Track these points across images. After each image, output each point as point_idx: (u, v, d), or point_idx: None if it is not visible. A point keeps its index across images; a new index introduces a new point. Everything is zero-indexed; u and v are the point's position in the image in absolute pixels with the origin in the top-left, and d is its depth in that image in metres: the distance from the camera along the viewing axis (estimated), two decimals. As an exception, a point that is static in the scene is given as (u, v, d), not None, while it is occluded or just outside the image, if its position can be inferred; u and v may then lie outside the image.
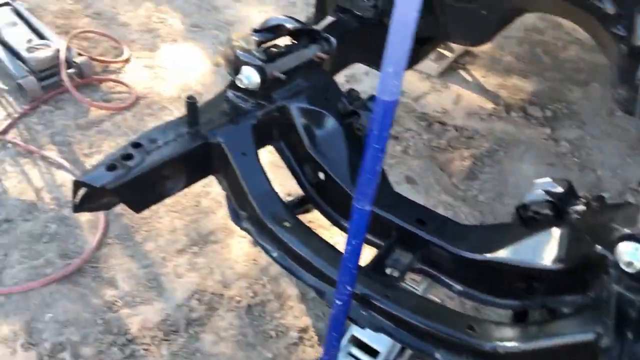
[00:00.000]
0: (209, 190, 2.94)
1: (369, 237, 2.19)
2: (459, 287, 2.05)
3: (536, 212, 1.92)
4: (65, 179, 2.97)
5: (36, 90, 3.35)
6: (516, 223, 2.02)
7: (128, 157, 1.85)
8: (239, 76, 1.95)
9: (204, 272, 2.61)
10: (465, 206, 3.01)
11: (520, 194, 3.08)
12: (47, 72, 3.44)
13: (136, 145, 1.90)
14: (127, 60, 3.80)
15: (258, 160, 2.08)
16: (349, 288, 1.72)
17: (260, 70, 1.97)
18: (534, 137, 3.46)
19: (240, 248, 2.72)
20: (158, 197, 1.98)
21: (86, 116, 3.36)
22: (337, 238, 2.69)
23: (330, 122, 2.22)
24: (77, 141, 3.20)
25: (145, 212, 2.71)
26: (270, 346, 2.38)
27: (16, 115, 3.28)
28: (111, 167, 1.81)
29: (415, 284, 2.32)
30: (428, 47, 3.22)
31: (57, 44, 3.51)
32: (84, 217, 2.78)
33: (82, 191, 1.82)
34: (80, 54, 3.64)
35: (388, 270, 2.08)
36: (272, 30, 2.21)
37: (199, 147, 1.97)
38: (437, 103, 3.67)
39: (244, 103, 2.09)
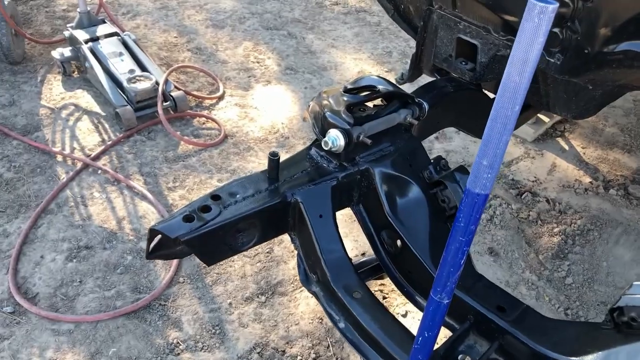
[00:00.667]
0: (283, 238, 2.90)
1: (447, 319, 2.07)
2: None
3: (633, 319, 1.74)
4: (147, 211, 3.02)
5: (132, 120, 3.47)
6: (608, 325, 1.84)
7: (206, 209, 1.83)
8: (325, 139, 1.90)
9: (268, 324, 2.55)
10: (550, 287, 2.80)
11: (613, 282, 2.86)
12: (144, 103, 3.56)
13: (215, 197, 1.88)
14: (221, 97, 3.88)
15: (334, 223, 2.01)
16: (416, 379, 1.60)
17: (347, 134, 1.91)
18: (634, 219, 3.20)
19: (307, 304, 2.65)
20: (231, 252, 1.95)
21: (175, 149, 3.43)
22: (409, 306, 2.57)
23: (414, 190, 2.13)
24: (163, 174, 3.26)
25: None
26: (326, 415, 2.27)
27: (109, 143, 3.39)
28: (188, 219, 1.79)
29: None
30: (528, 113, 3.08)
31: (156, 77, 3.63)
32: (159, 252, 2.81)
33: (156, 238, 1.82)
34: (177, 88, 3.75)
35: (460, 357, 1.95)
36: (363, 90, 2.17)
37: (277, 205, 1.93)
38: (530, 171, 3.49)
39: (326, 163, 2.05)
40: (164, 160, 3.35)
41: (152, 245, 1.84)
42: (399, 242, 2.12)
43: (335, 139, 1.90)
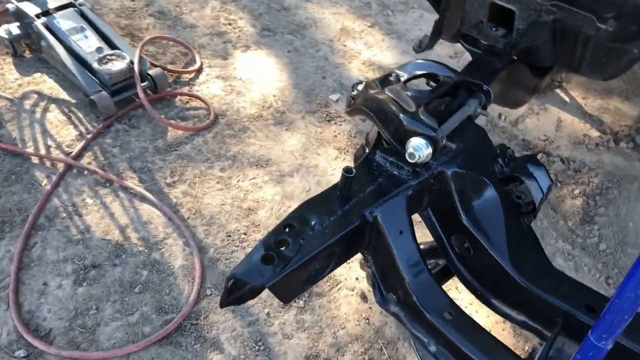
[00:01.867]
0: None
1: (528, 321, 1.95)
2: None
3: None
4: (151, 215, 2.71)
5: (110, 107, 3.06)
6: None
7: (283, 243, 1.59)
8: (410, 150, 1.66)
9: (313, 332, 2.37)
10: (586, 256, 2.75)
11: (646, 243, 2.85)
12: (120, 86, 3.15)
13: (289, 227, 1.63)
14: (199, 70, 3.50)
15: (415, 239, 1.82)
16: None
17: (434, 141, 1.69)
18: (648, 172, 3.18)
19: (348, 303, 2.47)
20: (309, 284, 1.72)
21: (164, 137, 3.08)
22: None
23: (487, 189, 1.95)
24: (158, 168, 2.92)
25: (241, 257, 2.47)
26: None
27: (89, 136, 2.99)
28: (267, 259, 1.55)
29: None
30: (549, 76, 2.93)
31: (127, 53, 3.20)
32: (177, 262, 2.53)
33: (230, 283, 1.56)
34: (153, 65, 3.35)
35: (553, 364, 1.83)
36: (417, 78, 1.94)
37: (357, 227, 1.70)
38: (538, 128, 3.38)
39: (397, 171, 1.82)
40: (155, 152, 3.00)
41: (225, 292, 1.59)
42: (471, 245, 1.95)
43: (420, 148, 1.67)
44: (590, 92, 3.65)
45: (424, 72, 1.97)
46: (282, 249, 1.58)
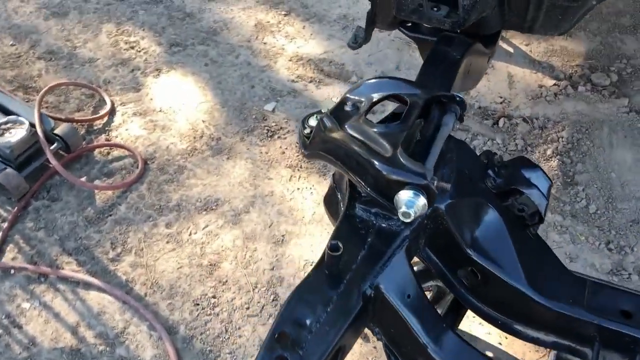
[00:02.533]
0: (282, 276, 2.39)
1: (559, 340, 1.74)
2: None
3: None
4: (103, 303, 2.34)
5: (20, 185, 2.63)
6: None
7: (282, 360, 1.30)
8: (403, 208, 1.37)
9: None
10: (579, 224, 2.56)
11: (632, 193, 2.68)
12: (26, 156, 2.71)
13: (281, 337, 1.33)
14: (111, 112, 3.07)
15: (424, 295, 1.56)
16: None
17: (426, 190, 1.39)
18: (613, 113, 3.01)
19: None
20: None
21: (92, 203, 2.68)
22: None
23: (486, 211, 1.69)
24: (95, 243, 2.54)
25: (218, 326, 2.18)
26: None
27: (5, 225, 2.56)
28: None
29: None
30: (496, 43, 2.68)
31: (25, 115, 2.75)
32: (147, 352, 2.20)
33: None
34: (57, 120, 2.90)
35: (604, 388, 1.63)
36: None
37: (360, 309, 1.42)
38: (491, 91, 3.15)
39: (386, 222, 1.54)
40: (86, 224, 2.60)
41: None
42: (482, 276, 1.71)
43: (413, 203, 1.37)
44: (532, 37, 3.43)
45: (384, 94, 1.66)
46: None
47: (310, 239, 2.55)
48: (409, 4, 2.16)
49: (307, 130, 1.71)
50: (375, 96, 1.67)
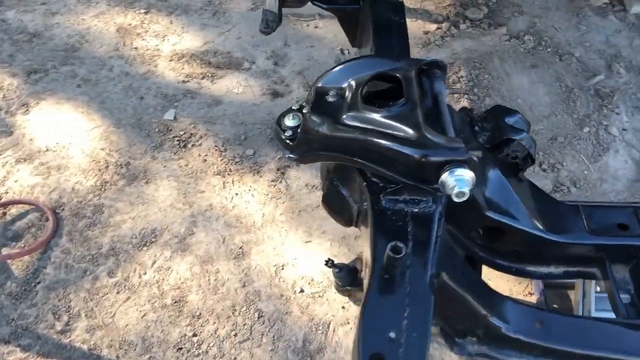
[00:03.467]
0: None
1: (568, 269, 1.84)
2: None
3: None
4: (72, 383, 2.03)
5: None
6: None
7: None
8: (456, 190, 1.29)
9: (346, 394, 2.02)
10: (510, 154, 2.68)
11: (541, 114, 2.86)
12: None
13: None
14: (-12, 165, 2.63)
15: (470, 268, 1.54)
16: None
17: (468, 162, 1.33)
18: (497, 43, 3.17)
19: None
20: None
21: (10, 275, 2.29)
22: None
23: (488, 170, 1.69)
24: (34, 319, 2.18)
25: None
26: None
27: None
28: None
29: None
30: None
31: None
32: (148, 420, 1.95)
33: None
34: None
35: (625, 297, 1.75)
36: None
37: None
38: (384, 47, 3.15)
39: (419, 207, 1.47)
40: (13, 302, 2.22)
41: None
42: (498, 232, 1.73)
43: (463, 180, 1.31)
44: (400, -14, 3.47)
45: (368, 75, 1.56)
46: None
47: (271, 242, 2.40)
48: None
49: (289, 133, 1.56)
50: (359, 80, 1.56)
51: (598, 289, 1.96)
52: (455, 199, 1.32)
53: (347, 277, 2.17)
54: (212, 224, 2.46)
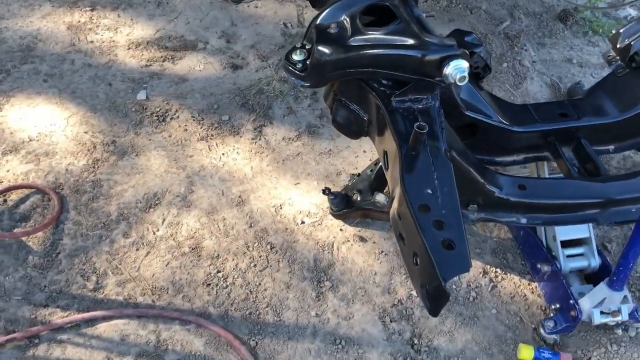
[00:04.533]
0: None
1: (527, 155, 2.29)
2: (611, 147, 2.33)
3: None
4: (117, 328, 2.22)
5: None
6: (622, 70, 2.32)
7: (439, 224, 1.56)
8: (458, 76, 1.67)
9: (361, 296, 2.36)
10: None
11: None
12: None
13: (422, 208, 1.59)
14: (-25, 160, 2.72)
15: (470, 152, 1.96)
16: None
17: (464, 56, 1.72)
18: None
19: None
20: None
21: (30, 251, 2.43)
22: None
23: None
24: (65, 283, 2.34)
25: (241, 291, 2.29)
26: None
27: (-50, 313, 2.20)
28: (450, 246, 1.51)
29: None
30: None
31: None
32: (196, 343, 2.19)
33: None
34: None
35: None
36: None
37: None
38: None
39: (423, 103, 1.85)
40: (40, 272, 2.37)
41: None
42: (474, 129, 2.15)
43: (461, 67, 1.68)
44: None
45: (362, 5, 1.90)
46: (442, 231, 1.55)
47: (264, 188, 2.70)
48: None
49: (299, 65, 1.88)
50: (354, 12, 1.90)
51: (547, 173, 2.42)
52: (459, 83, 1.70)
53: (341, 202, 2.52)
54: (208, 181, 2.71)
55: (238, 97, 3.06)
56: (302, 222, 2.58)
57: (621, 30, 2.34)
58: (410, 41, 1.75)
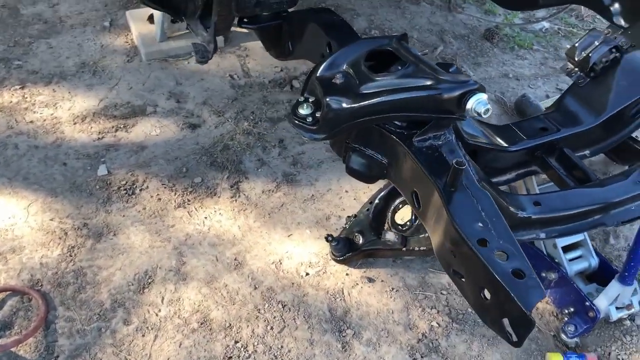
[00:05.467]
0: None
1: (518, 172, 2.40)
2: (587, 152, 2.50)
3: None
4: None
5: None
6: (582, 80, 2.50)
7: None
8: (482, 109, 1.73)
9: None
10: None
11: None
12: None
13: (481, 242, 1.61)
14: None
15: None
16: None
17: (480, 88, 1.78)
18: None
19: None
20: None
21: (24, 361, 2.19)
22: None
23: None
24: (73, 388, 2.13)
25: (265, 359, 2.22)
26: None
27: None
28: (520, 275, 1.54)
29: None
30: None
31: None
32: None
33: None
34: None
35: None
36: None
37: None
38: (264, 67, 3.52)
39: (441, 140, 1.90)
40: (42, 381, 2.14)
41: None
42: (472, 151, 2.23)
43: (484, 101, 1.75)
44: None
45: (364, 52, 1.92)
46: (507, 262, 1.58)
47: (258, 246, 2.62)
48: (249, 0, 2.38)
49: (309, 119, 1.87)
50: (356, 60, 1.92)
51: (536, 186, 2.53)
52: (484, 115, 1.76)
53: (344, 247, 2.51)
54: (198, 249, 2.59)
55: (205, 157, 2.96)
56: (307, 274, 2.53)
57: (576, 44, 2.51)
58: (427, 82, 1.80)
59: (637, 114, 2.49)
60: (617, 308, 2.28)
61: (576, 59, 2.52)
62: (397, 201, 2.46)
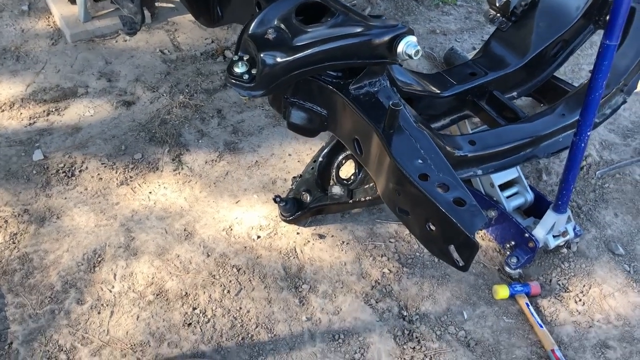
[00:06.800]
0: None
1: (453, 117, 2.50)
2: (515, 93, 2.62)
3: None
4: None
5: None
6: (504, 24, 2.62)
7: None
8: (412, 51, 1.78)
9: (340, 288, 2.41)
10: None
11: None
12: None
13: (422, 177, 1.68)
14: None
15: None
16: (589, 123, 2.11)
17: (411, 31, 1.83)
18: None
19: (319, 250, 2.53)
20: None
21: (-24, 351, 2.13)
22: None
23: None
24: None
25: (225, 322, 2.26)
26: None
27: None
28: (461, 204, 1.61)
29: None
30: None
31: None
32: None
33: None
34: None
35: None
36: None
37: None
38: (193, 40, 3.48)
39: (377, 86, 1.95)
40: (-2, 369, 2.10)
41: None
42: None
43: (414, 43, 1.80)
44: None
45: (294, 5, 1.93)
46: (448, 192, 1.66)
47: (207, 215, 2.63)
48: None
49: (246, 77, 1.88)
50: (286, 14, 1.93)
51: (469, 129, 2.63)
52: (415, 57, 1.82)
53: (293, 207, 2.55)
54: (146, 224, 2.58)
55: (143, 133, 2.93)
56: (258, 237, 2.56)
57: (496, -10, 2.61)
58: (358, 29, 1.84)
59: (557, 54, 2.63)
60: (554, 236, 2.42)
61: (497, 4, 2.62)
62: (341, 157, 2.51)
